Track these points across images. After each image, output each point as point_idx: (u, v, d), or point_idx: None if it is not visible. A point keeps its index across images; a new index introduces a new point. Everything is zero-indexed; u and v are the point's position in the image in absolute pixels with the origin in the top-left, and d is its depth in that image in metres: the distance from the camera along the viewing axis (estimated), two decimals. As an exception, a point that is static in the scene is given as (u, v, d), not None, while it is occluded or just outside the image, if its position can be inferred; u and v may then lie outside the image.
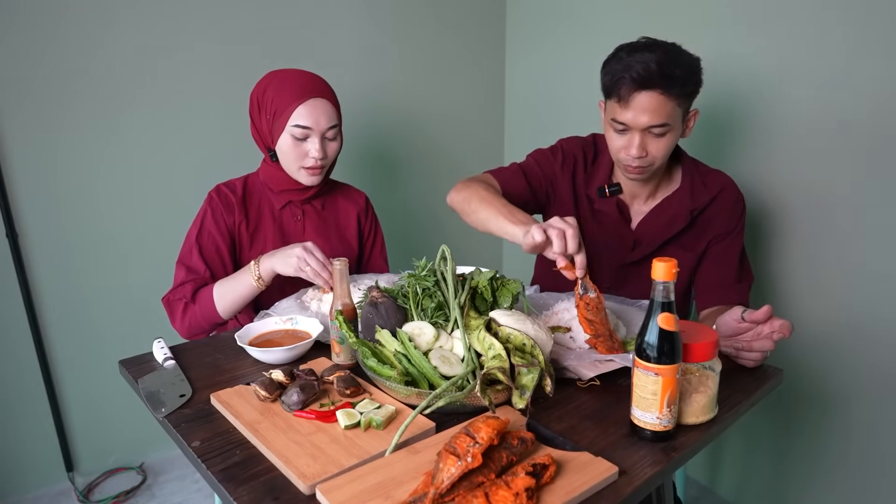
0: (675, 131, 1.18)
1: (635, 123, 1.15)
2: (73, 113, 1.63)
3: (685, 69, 1.12)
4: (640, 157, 1.19)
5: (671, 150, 1.21)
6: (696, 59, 1.16)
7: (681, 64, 1.12)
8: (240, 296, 1.25)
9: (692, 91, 1.16)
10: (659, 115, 1.13)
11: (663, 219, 1.31)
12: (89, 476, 1.85)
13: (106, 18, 1.62)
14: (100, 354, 1.79)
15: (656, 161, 1.21)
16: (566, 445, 0.77)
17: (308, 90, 1.28)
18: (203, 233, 1.32)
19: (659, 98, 1.12)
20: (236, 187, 1.37)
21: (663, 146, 1.18)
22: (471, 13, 2.25)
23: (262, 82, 1.33)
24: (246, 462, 0.77)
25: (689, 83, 1.13)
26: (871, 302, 1.43)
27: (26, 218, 1.63)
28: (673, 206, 1.30)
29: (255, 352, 1.00)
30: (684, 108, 1.17)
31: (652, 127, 1.15)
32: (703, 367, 0.83)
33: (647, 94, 1.12)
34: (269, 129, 1.31)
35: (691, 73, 1.14)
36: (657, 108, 1.13)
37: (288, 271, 1.18)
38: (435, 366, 0.87)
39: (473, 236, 2.49)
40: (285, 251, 1.20)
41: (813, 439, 1.60)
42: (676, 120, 1.17)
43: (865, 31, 1.35)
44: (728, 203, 1.30)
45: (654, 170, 1.24)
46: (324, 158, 1.31)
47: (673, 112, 1.14)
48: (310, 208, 1.43)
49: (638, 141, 1.17)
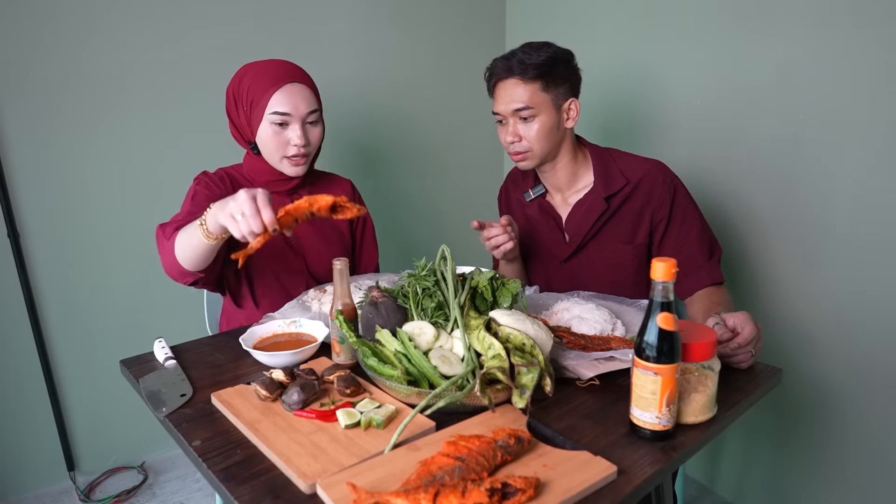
0: (544, 116, 1.26)
1: (503, 111, 1.28)
2: (74, 113, 1.64)
3: (543, 56, 1.23)
4: (514, 141, 1.30)
5: (547, 136, 1.28)
6: (565, 51, 1.28)
7: (540, 53, 1.23)
8: (191, 244, 1.06)
9: (550, 74, 1.24)
10: (519, 99, 1.25)
11: (582, 211, 1.36)
12: (90, 475, 1.86)
13: (106, 18, 1.63)
14: (101, 354, 1.79)
15: (534, 146, 1.29)
16: (566, 444, 0.77)
17: (284, 76, 1.25)
18: (198, 194, 1.26)
19: (517, 83, 1.24)
20: (224, 177, 1.35)
21: (535, 130, 1.27)
22: (470, 13, 2.25)
23: (236, 76, 1.30)
24: (246, 461, 0.77)
25: (544, 67, 1.23)
26: (871, 301, 1.43)
27: (27, 218, 1.63)
28: (590, 196, 1.35)
29: (260, 356, 1.00)
30: (551, 94, 1.25)
31: (517, 111, 1.26)
32: (703, 366, 0.83)
33: (507, 82, 1.26)
34: (247, 120, 1.28)
35: (550, 59, 1.23)
36: (516, 91, 1.25)
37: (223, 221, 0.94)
38: (435, 365, 0.87)
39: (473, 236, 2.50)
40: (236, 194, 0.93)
41: (812, 438, 1.61)
42: (542, 105, 1.25)
43: (860, 25, 1.35)
44: (655, 190, 1.31)
45: (536, 156, 1.31)
46: (307, 146, 1.27)
47: (535, 96, 1.24)
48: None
49: (511, 128, 1.29)
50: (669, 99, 1.78)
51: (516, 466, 0.73)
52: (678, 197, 1.31)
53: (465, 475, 0.68)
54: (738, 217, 1.65)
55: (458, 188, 2.41)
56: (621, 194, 1.32)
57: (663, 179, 1.31)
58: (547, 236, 1.43)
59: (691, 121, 1.73)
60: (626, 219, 1.33)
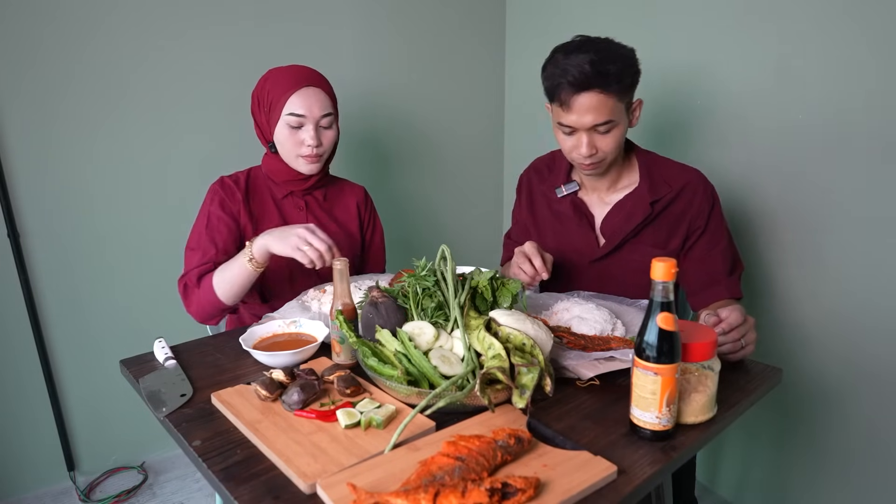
0: (620, 125, 1.22)
1: (580, 124, 1.19)
2: (74, 113, 1.64)
3: (619, 64, 1.15)
4: (591, 154, 1.23)
5: (621, 143, 1.25)
6: (630, 50, 1.19)
7: (614, 59, 1.15)
8: (236, 279, 1.21)
9: (630, 84, 1.19)
10: (601, 114, 1.17)
11: (624, 212, 1.33)
12: (90, 475, 1.86)
13: (107, 18, 1.63)
14: (101, 354, 1.79)
15: (608, 156, 1.25)
16: (566, 444, 0.77)
17: (301, 80, 1.30)
18: (211, 218, 1.33)
19: (598, 97, 1.15)
20: (240, 179, 1.39)
21: (611, 141, 1.22)
22: (470, 13, 2.25)
23: (261, 80, 1.36)
24: (246, 461, 0.77)
25: (625, 77, 1.16)
26: (871, 300, 1.43)
27: (28, 218, 1.63)
28: (633, 199, 1.32)
29: (260, 356, 1.00)
30: (626, 101, 1.20)
31: (597, 126, 1.19)
32: (703, 366, 0.83)
33: (586, 96, 1.15)
34: (266, 121, 1.33)
35: (626, 66, 1.16)
36: (598, 106, 1.16)
37: (285, 251, 1.13)
38: (435, 365, 0.87)
39: (473, 236, 2.51)
40: (284, 229, 1.16)
41: (812, 438, 1.61)
42: (620, 114, 1.20)
43: (863, 25, 1.35)
44: (696, 199, 1.30)
45: (607, 164, 1.28)
46: (319, 146, 1.32)
47: (615, 108, 1.18)
48: (312, 199, 1.45)
49: (586, 140, 1.21)
50: (669, 98, 1.78)
51: (516, 466, 0.73)
52: (715, 208, 1.31)
53: (465, 475, 0.68)
54: (737, 217, 1.65)
55: (459, 188, 2.41)
56: (664, 200, 1.30)
57: (704, 189, 1.31)
58: (577, 235, 1.39)
59: (691, 120, 1.73)
60: (664, 224, 1.32)
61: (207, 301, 1.25)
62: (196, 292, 1.26)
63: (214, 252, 1.29)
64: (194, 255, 1.30)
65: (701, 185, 1.31)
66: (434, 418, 0.83)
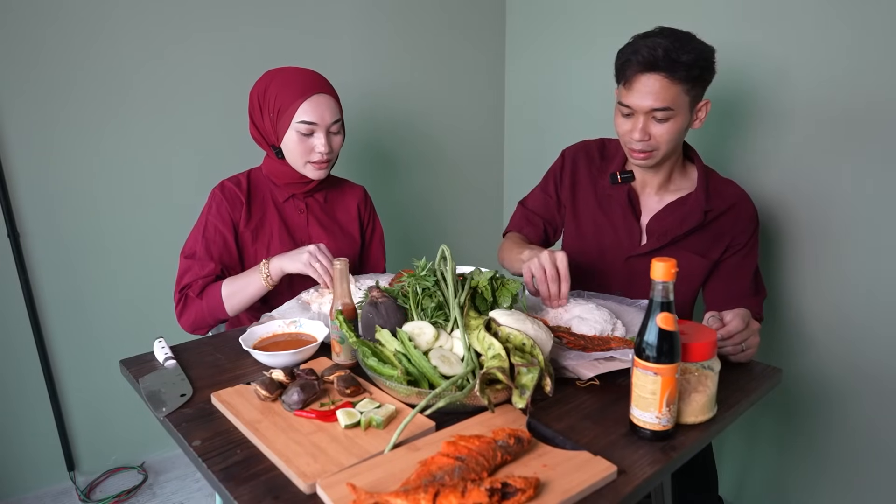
0: (680, 118, 1.18)
1: (638, 106, 1.16)
2: (74, 114, 1.64)
3: (693, 55, 1.12)
4: (643, 140, 1.19)
5: (677, 137, 1.21)
6: (709, 48, 1.16)
7: (689, 50, 1.12)
8: (249, 294, 1.28)
9: (698, 77, 1.15)
10: (662, 99, 1.14)
11: (677, 215, 1.30)
12: (90, 475, 1.86)
13: (107, 18, 1.63)
14: (101, 354, 1.79)
15: (661, 146, 1.20)
16: (566, 444, 0.77)
17: (311, 87, 1.31)
18: (209, 227, 1.34)
19: (662, 81, 1.13)
20: (241, 182, 1.40)
21: (667, 131, 1.18)
22: (471, 13, 2.25)
23: (261, 81, 1.35)
24: (246, 461, 0.77)
25: (694, 68, 1.13)
26: (872, 300, 1.43)
27: (28, 218, 1.63)
28: (688, 203, 1.30)
29: (260, 356, 1.00)
30: (692, 95, 1.17)
31: (655, 110, 1.15)
32: (702, 366, 0.83)
33: (650, 77, 1.13)
34: (272, 126, 1.33)
35: (699, 59, 1.13)
36: (660, 91, 1.13)
37: (298, 267, 1.22)
38: (435, 365, 0.87)
39: (473, 236, 2.51)
40: (296, 251, 1.25)
41: (812, 438, 1.60)
42: (682, 106, 1.16)
43: (873, 27, 1.34)
44: (744, 216, 1.30)
45: (660, 156, 1.23)
46: (329, 152, 1.34)
47: (678, 97, 1.15)
48: (312, 201, 1.45)
49: (641, 124, 1.18)
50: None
51: (516, 466, 0.73)
52: (756, 232, 1.31)
53: (465, 475, 0.68)
54: None
55: (459, 188, 2.41)
56: (715, 211, 1.28)
57: (753, 211, 1.31)
58: (621, 227, 1.35)
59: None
60: (709, 235, 1.30)
61: (209, 312, 1.29)
62: (197, 303, 1.29)
63: (213, 266, 1.32)
64: (192, 265, 1.32)
65: (750, 206, 1.31)
66: (434, 418, 0.83)
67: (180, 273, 1.33)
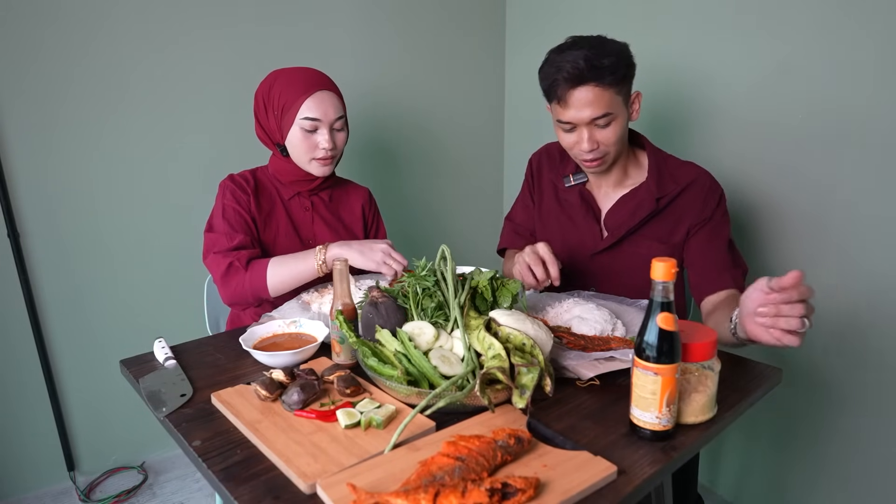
0: (620, 118, 1.21)
1: (578, 119, 1.19)
2: (74, 113, 1.64)
3: (612, 57, 1.15)
4: (592, 149, 1.22)
5: (622, 136, 1.24)
6: (623, 45, 1.20)
7: (607, 53, 1.15)
8: (297, 275, 1.25)
9: (624, 76, 1.18)
10: (599, 107, 1.17)
11: (629, 207, 1.33)
12: (90, 475, 1.86)
13: (107, 18, 1.63)
14: (101, 354, 1.79)
15: (610, 150, 1.24)
16: (566, 444, 0.77)
17: (314, 84, 1.32)
18: (227, 209, 1.33)
19: (594, 90, 1.16)
20: (248, 178, 1.40)
21: (612, 134, 1.21)
22: (471, 12, 2.25)
23: (266, 81, 1.36)
24: (246, 461, 0.77)
25: (618, 69, 1.16)
26: (873, 299, 1.43)
27: (28, 218, 1.63)
28: (639, 194, 1.32)
29: (260, 356, 1.00)
30: (623, 94, 1.20)
31: (595, 119, 1.19)
32: (703, 366, 0.83)
33: (582, 90, 1.16)
34: (277, 125, 1.34)
35: (619, 59, 1.16)
36: (595, 100, 1.17)
37: (368, 265, 1.21)
38: (435, 365, 0.87)
39: (473, 236, 2.51)
40: (367, 244, 1.24)
41: (813, 438, 1.60)
42: (618, 107, 1.20)
43: (864, 23, 1.35)
44: (700, 192, 1.29)
45: (611, 159, 1.27)
46: (333, 149, 1.34)
47: (612, 101, 1.18)
48: (318, 200, 1.46)
49: (586, 135, 1.21)
50: (668, 97, 1.78)
51: (516, 466, 0.73)
52: (720, 206, 1.30)
53: (465, 475, 0.68)
54: (735, 215, 1.65)
55: (459, 188, 2.41)
56: (669, 196, 1.29)
57: (711, 187, 1.30)
58: (582, 226, 1.38)
59: (692, 118, 1.73)
60: (667, 220, 1.31)
61: (252, 287, 1.25)
62: (242, 275, 1.25)
63: (242, 237, 1.29)
64: (218, 237, 1.29)
65: (708, 183, 1.30)
66: (434, 418, 0.83)
67: (207, 245, 1.30)
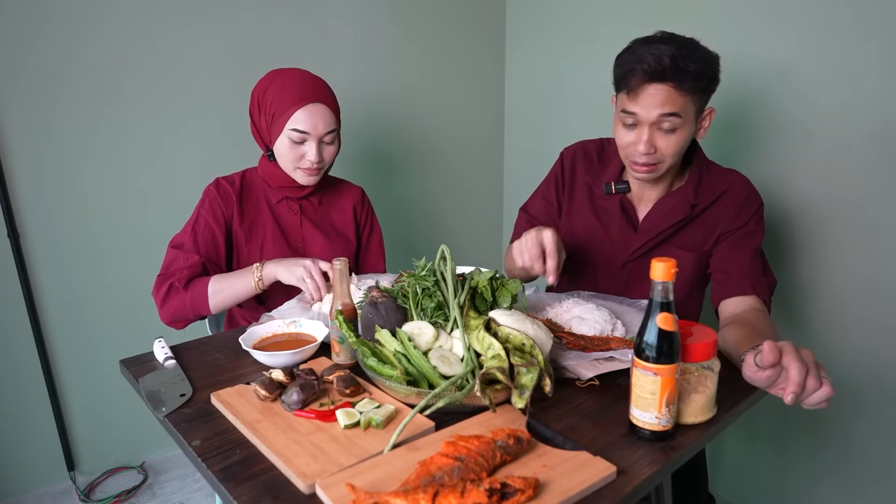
0: (686, 128, 1.13)
1: (645, 115, 1.12)
2: (73, 113, 1.64)
3: (700, 64, 1.08)
4: (649, 153, 1.15)
5: (682, 148, 1.16)
6: (715, 55, 1.12)
7: (696, 59, 1.08)
8: (236, 294, 1.26)
9: (706, 87, 1.12)
10: (669, 107, 1.10)
11: (662, 210, 1.27)
12: (90, 475, 1.86)
13: (105, 16, 1.63)
14: (101, 354, 1.79)
15: (666, 159, 1.16)
16: (565, 445, 0.77)
17: (308, 95, 1.28)
18: (199, 222, 1.33)
19: (670, 91, 1.09)
20: (235, 181, 1.39)
21: (673, 143, 1.14)
22: (470, 13, 2.25)
23: (263, 81, 1.34)
24: (246, 461, 0.77)
25: (702, 78, 1.09)
26: (874, 299, 1.43)
27: (27, 218, 1.63)
28: (674, 198, 1.26)
29: (260, 356, 1.00)
30: (698, 105, 1.13)
31: (662, 120, 1.11)
32: (702, 366, 0.83)
33: (658, 87, 1.09)
34: (267, 129, 1.33)
35: (706, 68, 1.10)
36: (667, 100, 1.09)
37: (290, 280, 1.21)
38: (434, 365, 0.87)
39: (473, 236, 2.51)
40: (292, 261, 1.23)
41: (813, 439, 1.60)
42: (688, 116, 1.12)
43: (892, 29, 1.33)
44: (736, 200, 1.23)
45: (664, 169, 1.19)
46: (320, 162, 1.32)
47: (685, 107, 1.11)
48: (307, 203, 1.45)
49: (647, 136, 1.13)
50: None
51: (516, 467, 0.73)
52: (757, 213, 1.24)
53: (465, 475, 0.68)
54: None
55: (459, 188, 2.41)
56: (703, 203, 1.24)
57: (748, 193, 1.24)
58: (617, 236, 1.31)
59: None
60: (699, 229, 1.26)
61: (192, 305, 1.26)
62: (181, 295, 1.26)
63: (197, 259, 1.30)
64: (177, 255, 1.30)
65: (745, 193, 1.24)
66: (433, 418, 0.83)
67: (165, 263, 1.31)
